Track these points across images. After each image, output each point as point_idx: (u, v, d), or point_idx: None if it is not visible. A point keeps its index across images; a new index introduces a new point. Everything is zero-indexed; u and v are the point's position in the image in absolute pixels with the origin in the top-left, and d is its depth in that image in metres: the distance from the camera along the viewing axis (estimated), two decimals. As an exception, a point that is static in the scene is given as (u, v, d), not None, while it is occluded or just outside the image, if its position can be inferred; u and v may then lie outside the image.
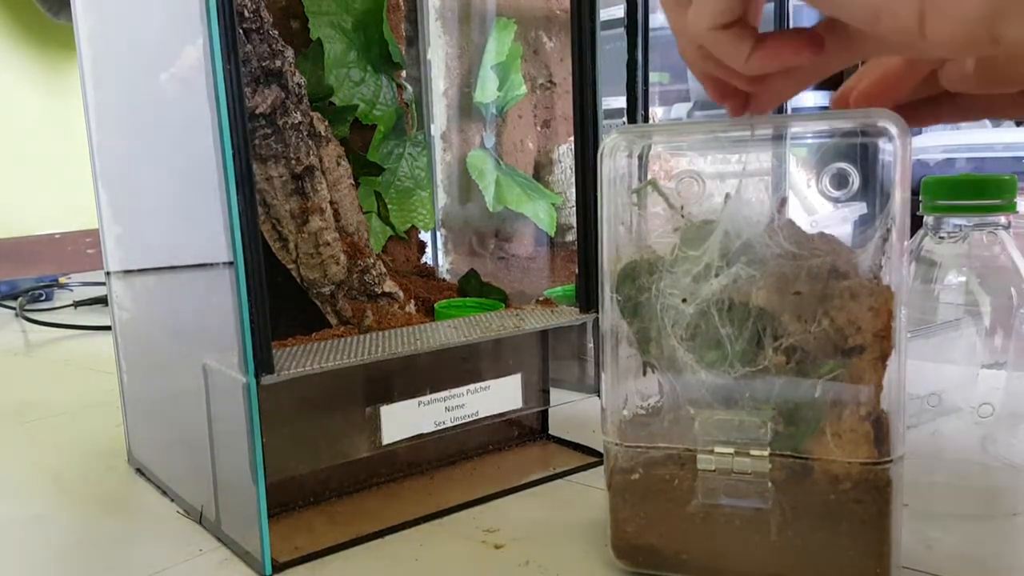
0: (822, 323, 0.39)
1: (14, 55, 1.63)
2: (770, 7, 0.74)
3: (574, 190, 0.58)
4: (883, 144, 0.38)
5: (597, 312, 0.58)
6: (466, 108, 0.77)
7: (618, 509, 0.44)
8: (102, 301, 1.39)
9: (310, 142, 0.56)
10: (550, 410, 0.66)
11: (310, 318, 0.58)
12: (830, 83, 0.43)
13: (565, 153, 0.79)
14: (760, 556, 0.42)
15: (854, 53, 0.35)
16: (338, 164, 0.59)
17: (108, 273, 0.65)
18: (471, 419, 0.56)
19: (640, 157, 0.45)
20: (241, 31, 0.52)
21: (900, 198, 0.39)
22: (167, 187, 0.54)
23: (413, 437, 0.53)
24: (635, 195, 0.45)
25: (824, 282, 0.39)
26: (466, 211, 0.78)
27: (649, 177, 0.45)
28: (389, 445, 0.52)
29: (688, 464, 0.42)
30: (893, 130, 0.38)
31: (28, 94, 1.65)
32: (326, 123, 0.59)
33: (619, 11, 0.61)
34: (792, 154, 0.47)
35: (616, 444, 0.44)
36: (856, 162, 0.43)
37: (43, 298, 1.51)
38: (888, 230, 0.39)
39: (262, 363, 0.45)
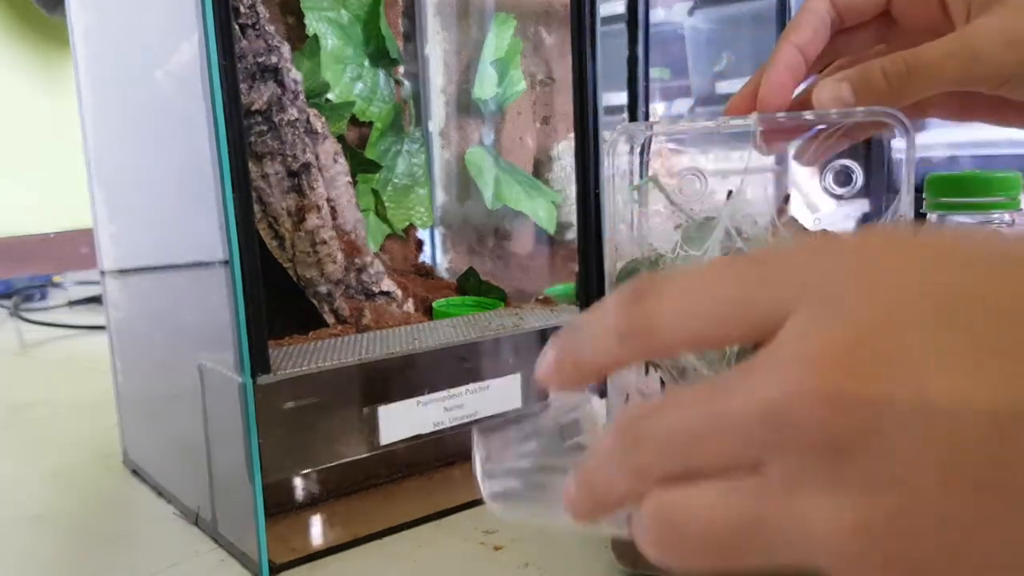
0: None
1: (7, 51, 1.62)
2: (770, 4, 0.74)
3: (574, 187, 0.57)
4: (893, 141, 0.38)
5: (597, 311, 0.58)
6: (465, 104, 0.76)
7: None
8: (97, 300, 1.38)
9: (306, 139, 0.56)
10: (549, 409, 0.65)
11: (307, 317, 0.57)
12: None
13: (565, 150, 0.79)
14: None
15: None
16: (335, 161, 0.59)
17: (103, 272, 0.64)
18: (470, 419, 0.55)
19: (641, 153, 0.44)
20: (237, 27, 0.51)
21: (906, 195, 0.39)
22: (162, 185, 0.54)
23: (411, 437, 0.53)
24: (635, 192, 0.44)
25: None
26: (465, 209, 0.78)
27: (650, 174, 0.44)
28: (387, 445, 0.52)
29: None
30: (902, 127, 0.37)
31: (21, 91, 1.64)
32: (323, 120, 0.58)
33: (619, 6, 0.60)
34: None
35: (617, 445, 0.43)
36: (860, 159, 0.43)
37: (38, 297, 1.50)
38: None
39: (258, 363, 0.45)
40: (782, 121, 0.41)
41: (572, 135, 0.57)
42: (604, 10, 0.56)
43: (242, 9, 0.52)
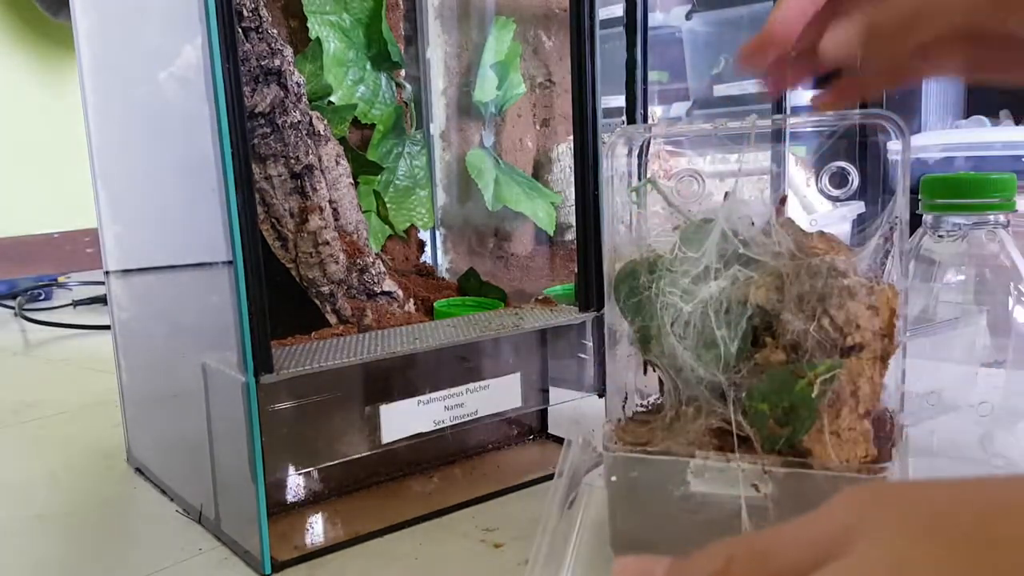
0: (821, 321, 0.39)
1: (13, 54, 1.63)
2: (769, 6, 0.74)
3: (573, 189, 0.58)
4: (889, 143, 0.38)
5: (596, 311, 0.58)
6: (465, 107, 0.77)
7: (617, 507, 0.44)
8: (101, 300, 1.38)
9: (309, 141, 0.56)
10: (549, 409, 0.66)
11: (309, 317, 0.58)
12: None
13: (564, 152, 0.79)
14: (759, 555, 0.42)
15: None
16: (337, 163, 0.59)
17: (107, 272, 0.65)
18: (470, 418, 0.55)
19: (640, 155, 0.45)
20: (240, 30, 0.52)
21: (901, 197, 0.39)
22: (166, 186, 0.54)
23: (412, 436, 0.53)
24: (633, 193, 0.45)
25: (823, 280, 0.39)
26: (465, 210, 0.78)
27: (648, 175, 0.45)
28: (388, 444, 0.52)
29: (687, 462, 0.42)
30: (897, 129, 0.38)
31: (27, 93, 1.64)
32: (325, 122, 0.59)
33: (618, 10, 0.61)
34: (791, 153, 0.46)
35: (615, 442, 0.44)
36: (855, 161, 0.43)
37: (42, 297, 1.51)
38: (891, 228, 0.39)
39: (261, 362, 0.45)
40: (778, 126, 0.42)
41: (571, 137, 0.58)
42: (603, 14, 0.56)
43: (245, 13, 0.53)
